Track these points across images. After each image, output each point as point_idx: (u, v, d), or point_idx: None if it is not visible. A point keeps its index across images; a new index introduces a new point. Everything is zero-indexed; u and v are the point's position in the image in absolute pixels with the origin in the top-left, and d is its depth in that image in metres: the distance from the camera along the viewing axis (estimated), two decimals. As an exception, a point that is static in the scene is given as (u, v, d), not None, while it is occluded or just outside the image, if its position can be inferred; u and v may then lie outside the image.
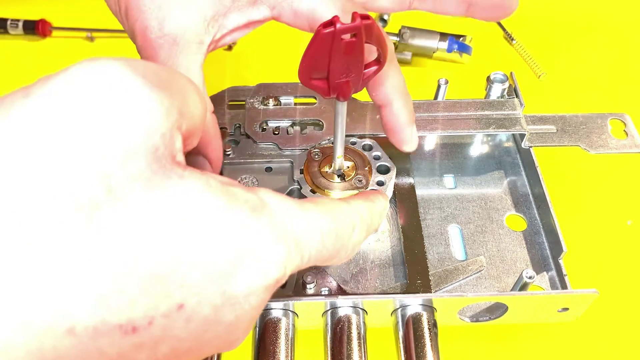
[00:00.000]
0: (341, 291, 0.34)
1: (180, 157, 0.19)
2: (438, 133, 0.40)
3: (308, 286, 0.34)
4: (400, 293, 0.34)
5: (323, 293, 0.34)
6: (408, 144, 0.34)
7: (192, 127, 0.20)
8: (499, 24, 0.59)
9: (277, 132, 0.39)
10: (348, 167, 0.36)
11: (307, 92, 0.41)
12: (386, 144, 0.38)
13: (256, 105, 0.41)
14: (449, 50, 0.55)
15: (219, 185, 0.19)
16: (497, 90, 0.42)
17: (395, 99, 0.32)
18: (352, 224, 0.24)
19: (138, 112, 0.17)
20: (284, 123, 0.40)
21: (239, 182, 0.37)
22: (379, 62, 0.28)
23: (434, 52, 0.56)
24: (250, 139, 0.39)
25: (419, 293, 0.33)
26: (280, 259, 0.19)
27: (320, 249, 0.22)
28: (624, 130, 0.40)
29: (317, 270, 0.35)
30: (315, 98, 0.41)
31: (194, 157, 0.32)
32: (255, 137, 0.39)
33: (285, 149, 0.38)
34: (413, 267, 0.35)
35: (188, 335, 0.17)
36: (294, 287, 0.34)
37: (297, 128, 0.39)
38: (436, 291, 0.35)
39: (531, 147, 0.40)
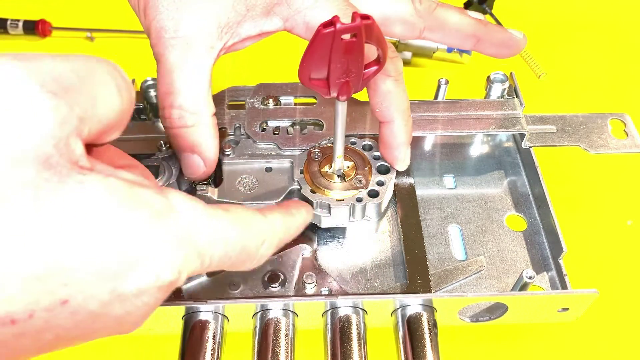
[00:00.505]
0: (341, 291, 0.34)
1: (84, 162, 0.19)
2: (438, 133, 0.40)
3: (308, 286, 0.34)
4: (400, 293, 0.34)
5: (323, 293, 0.34)
6: (400, 163, 0.36)
7: (103, 127, 0.21)
8: (499, 24, 0.59)
9: (277, 132, 0.39)
10: (348, 167, 0.36)
11: (307, 92, 0.41)
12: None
13: (256, 105, 0.41)
14: (449, 50, 0.55)
15: (123, 188, 0.19)
16: (497, 90, 0.42)
17: (397, 118, 0.33)
18: (262, 237, 0.25)
19: (29, 120, 0.17)
20: (284, 123, 0.40)
21: (238, 182, 0.37)
22: (379, 62, 0.28)
23: (434, 52, 0.56)
24: (250, 139, 0.39)
25: (419, 293, 0.33)
26: (176, 264, 0.20)
27: (222, 257, 0.23)
28: (624, 130, 0.40)
29: (318, 270, 0.35)
30: (315, 98, 0.41)
31: (188, 156, 0.32)
32: (255, 137, 0.39)
33: (285, 149, 0.38)
34: (413, 267, 0.35)
35: (74, 325, 0.18)
36: (294, 287, 0.34)
37: (297, 128, 0.39)
38: (436, 291, 0.35)
39: (531, 147, 0.40)
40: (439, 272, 0.36)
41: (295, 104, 0.41)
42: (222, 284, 0.34)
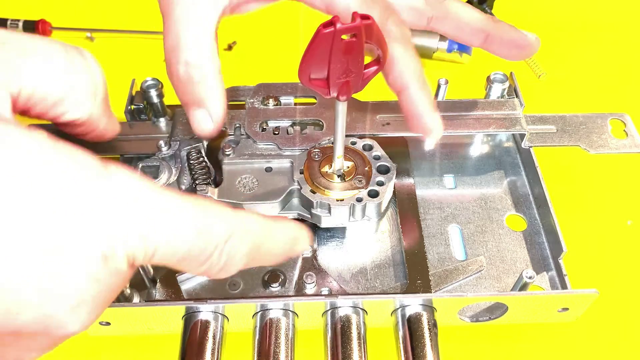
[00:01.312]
0: (341, 291, 0.34)
1: (6, 116, 0.19)
2: (438, 133, 0.40)
3: (308, 286, 0.34)
4: (400, 293, 0.34)
5: (323, 293, 0.34)
6: (431, 132, 0.32)
7: (37, 91, 0.21)
8: (499, 24, 0.59)
9: (277, 132, 0.39)
10: (348, 167, 0.36)
11: (307, 92, 0.41)
12: (386, 144, 0.38)
13: (256, 105, 0.41)
14: (449, 50, 0.55)
15: (53, 144, 0.18)
16: (497, 90, 0.42)
17: (412, 83, 0.31)
18: (228, 231, 0.21)
19: None
20: (284, 123, 0.40)
21: (238, 182, 0.37)
22: (379, 62, 0.28)
23: (434, 52, 0.56)
24: (250, 139, 0.39)
25: (419, 293, 0.33)
26: (110, 236, 0.18)
27: (172, 244, 0.20)
28: (624, 130, 0.40)
29: (318, 270, 0.35)
30: (315, 98, 0.41)
31: (196, 111, 0.32)
32: (255, 137, 0.39)
33: (285, 149, 0.38)
34: (413, 267, 0.35)
35: None
36: (294, 287, 0.34)
37: (297, 128, 0.39)
38: (436, 291, 0.35)
39: (531, 147, 0.40)
40: (439, 272, 0.36)
41: (295, 104, 0.41)
42: (222, 284, 0.34)
